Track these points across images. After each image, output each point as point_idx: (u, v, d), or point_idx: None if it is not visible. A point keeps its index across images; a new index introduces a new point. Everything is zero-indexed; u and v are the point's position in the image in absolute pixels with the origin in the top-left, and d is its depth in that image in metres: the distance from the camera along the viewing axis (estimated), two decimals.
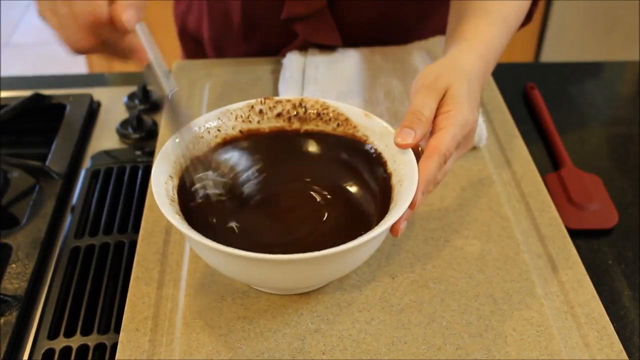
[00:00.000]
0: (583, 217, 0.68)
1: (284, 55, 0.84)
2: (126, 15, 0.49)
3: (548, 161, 0.77)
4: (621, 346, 0.53)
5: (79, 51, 0.51)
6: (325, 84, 0.78)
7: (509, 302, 0.56)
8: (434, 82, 0.55)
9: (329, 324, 0.54)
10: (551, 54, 1.95)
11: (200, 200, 0.55)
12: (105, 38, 0.50)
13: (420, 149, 0.55)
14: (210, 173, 0.56)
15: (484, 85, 0.62)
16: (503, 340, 0.53)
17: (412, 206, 0.50)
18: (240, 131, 0.60)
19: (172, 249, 0.60)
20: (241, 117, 0.60)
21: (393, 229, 0.51)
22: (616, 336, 0.53)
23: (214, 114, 0.59)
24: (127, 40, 0.51)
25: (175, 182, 0.54)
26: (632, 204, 0.72)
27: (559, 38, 1.93)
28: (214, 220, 0.56)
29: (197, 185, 0.55)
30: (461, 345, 0.52)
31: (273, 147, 0.61)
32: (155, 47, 0.52)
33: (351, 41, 0.85)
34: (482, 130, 0.71)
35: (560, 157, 0.76)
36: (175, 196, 0.53)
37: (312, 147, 0.61)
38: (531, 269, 0.59)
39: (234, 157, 0.60)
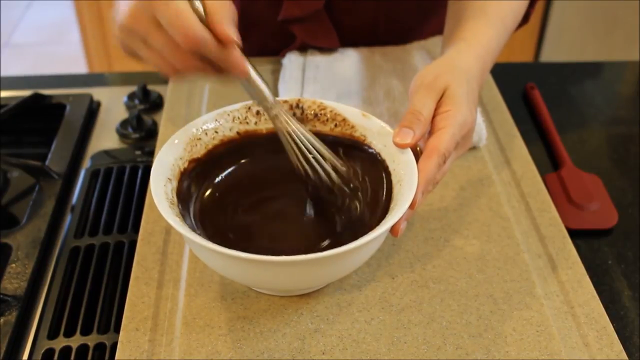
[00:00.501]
0: (583, 217, 0.68)
1: (283, 56, 0.84)
2: (230, 31, 0.48)
3: (548, 161, 0.77)
4: (621, 346, 0.53)
5: (181, 75, 0.51)
6: (325, 84, 0.78)
7: (509, 302, 0.56)
8: (433, 82, 0.55)
9: (329, 323, 0.54)
10: (551, 54, 1.95)
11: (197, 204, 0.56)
12: (205, 56, 0.49)
13: (418, 148, 0.55)
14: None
15: (482, 86, 0.62)
16: (503, 340, 0.53)
17: (412, 206, 0.50)
18: (238, 132, 0.60)
19: (172, 249, 0.60)
20: (238, 118, 0.60)
21: (393, 229, 0.51)
22: (616, 336, 0.53)
23: (211, 116, 0.59)
24: (226, 54, 0.49)
25: (174, 184, 0.54)
26: (632, 204, 0.72)
27: (559, 38, 1.93)
28: (212, 222, 0.56)
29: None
30: (461, 345, 0.52)
31: (270, 148, 0.61)
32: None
33: (350, 43, 0.85)
34: (482, 130, 0.71)
35: (560, 157, 0.76)
36: (175, 198, 0.53)
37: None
38: (531, 269, 0.59)
39: (232, 159, 0.60)
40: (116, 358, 0.51)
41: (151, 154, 0.76)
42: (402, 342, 0.53)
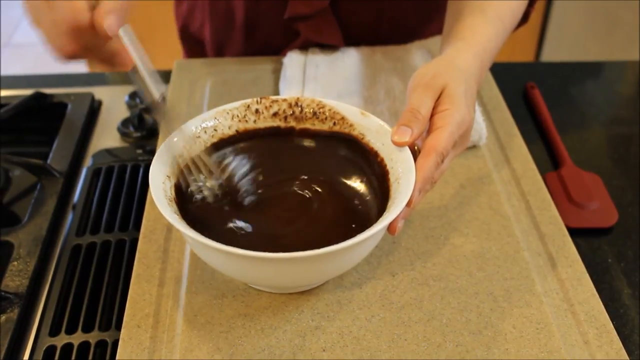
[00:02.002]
0: (583, 216, 0.68)
1: (284, 54, 0.84)
2: (108, 21, 0.48)
3: (548, 160, 0.77)
4: (620, 344, 0.53)
5: (64, 57, 0.51)
6: (325, 82, 0.78)
7: (509, 300, 0.56)
8: (431, 81, 0.55)
9: (330, 321, 0.54)
10: (551, 54, 1.96)
11: (197, 202, 0.56)
12: (88, 43, 0.50)
13: (416, 147, 0.55)
14: (202, 177, 0.56)
15: (480, 85, 0.62)
16: (503, 338, 0.53)
17: (409, 204, 0.50)
18: (237, 131, 0.60)
19: (173, 247, 0.61)
20: (237, 116, 0.60)
21: (390, 227, 0.51)
22: (616, 334, 0.54)
23: (211, 114, 0.59)
24: (110, 44, 0.50)
25: (173, 181, 0.54)
26: (632, 203, 0.72)
27: (560, 38, 1.93)
28: (212, 219, 0.56)
29: (193, 188, 0.55)
30: (461, 343, 0.53)
31: (269, 146, 0.61)
32: (141, 50, 0.51)
33: (353, 42, 0.85)
34: (482, 129, 0.71)
35: (560, 156, 0.76)
36: (174, 195, 0.53)
37: (309, 146, 0.61)
38: (531, 267, 0.59)
39: (231, 157, 0.60)
40: (117, 355, 0.52)
41: (152, 152, 0.76)
42: (402, 340, 0.53)
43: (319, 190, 0.60)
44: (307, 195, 0.59)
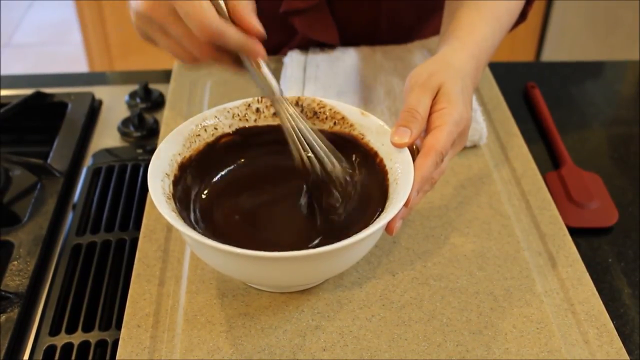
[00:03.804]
0: (583, 216, 0.68)
1: (285, 54, 0.84)
2: (253, 21, 0.51)
3: (548, 160, 0.77)
4: (621, 343, 0.53)
5: (197, 62, 0.54)
6: (325, 82, 0.78)
7: (509, 299, 0.56)
8: (428, 80, 0.55)
9: (330, 320, 0.54)
10: (552, 54, 1.96)
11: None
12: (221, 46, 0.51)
13: (415, 147, 0.55)
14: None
15: (476, 84, 0.62)
16: (503, 337, 0.53)
17: (406, 204, 0.50)
18: (237, 129, 0.60)
19: (173, 246, 0.61)
20: (238, 115, 0.60)
21: (388, 227, 0.51)
22: (616, 333, 0.54)
23: (211, 112, 0.59)
24: (239, 41, 0.51)
25: (172, 179, 0.54)
26: (632, 202, 0.72)
27: (560, 37, 1.93)
28: (209, 218, 0.56)
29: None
30: (461, 342, 0.53)
31: (269, 145, 0.61)
32: None
33: (351, 41, 0.85)
34: (482, 128, 0.71)
35: (561, 155, 0.76)
36: (172, 193, 0.53)
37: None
38: (531, 266, 0.59)
39: (230, 156, 0.60)
40: (118, 355, 0.52)
41: (152, 152, 0.76)
42: (402, 339, 0.53)
43: (318, 190, 0.60)
44: (307, 194, 0.59)
